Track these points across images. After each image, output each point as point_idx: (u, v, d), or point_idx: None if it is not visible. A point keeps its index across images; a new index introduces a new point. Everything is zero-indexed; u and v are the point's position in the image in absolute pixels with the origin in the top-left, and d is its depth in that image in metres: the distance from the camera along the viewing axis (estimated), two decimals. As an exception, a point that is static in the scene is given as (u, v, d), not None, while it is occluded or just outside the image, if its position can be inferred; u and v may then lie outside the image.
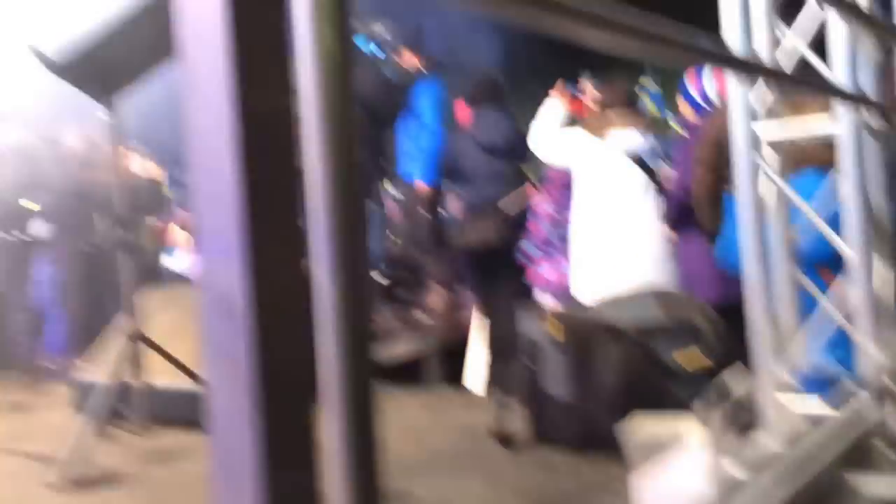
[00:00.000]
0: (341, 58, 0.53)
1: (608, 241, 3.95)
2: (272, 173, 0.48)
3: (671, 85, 4.60)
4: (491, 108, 4.75)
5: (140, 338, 3.65)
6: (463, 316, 5.06)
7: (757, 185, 2.17)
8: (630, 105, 4.28)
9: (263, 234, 0.47)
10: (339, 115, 0.53)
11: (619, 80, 4.26)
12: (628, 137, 4.03)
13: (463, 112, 4.94)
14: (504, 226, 4.57)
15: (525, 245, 4.49)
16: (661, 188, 4.02)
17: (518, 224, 4.57)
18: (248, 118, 0.46)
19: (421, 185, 5.17)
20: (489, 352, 4.67)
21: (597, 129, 4.08)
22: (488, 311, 4.77)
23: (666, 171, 4.23)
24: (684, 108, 3.93)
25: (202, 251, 0.49)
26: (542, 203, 4.48)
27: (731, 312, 2.81)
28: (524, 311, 4.08)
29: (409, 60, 5.29)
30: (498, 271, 4.66)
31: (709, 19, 2.03)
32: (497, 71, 5.37)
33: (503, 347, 4.33)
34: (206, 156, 0.47)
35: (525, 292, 4.53)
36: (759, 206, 2.16)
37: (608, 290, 3.85)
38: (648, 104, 5.63)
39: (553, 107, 4.32)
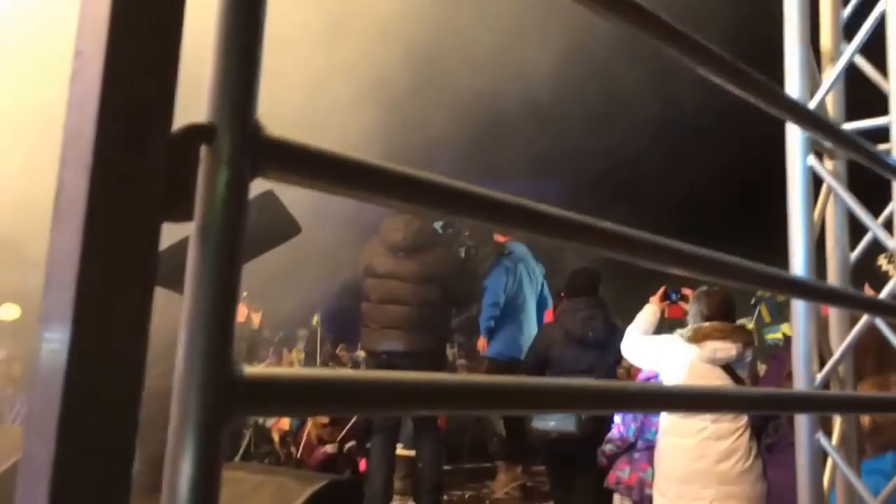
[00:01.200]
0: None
1: (694, 453, 3.82)
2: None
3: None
4: (584, 301, 4.80)
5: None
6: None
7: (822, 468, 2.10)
8: (729, 316, 4.21)
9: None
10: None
11: (718, 290, 4.21)
12: (723, 349, 3.95)
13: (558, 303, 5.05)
14: (588, 422, 4.48)
15: (607, 446, 4.38)
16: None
17: (601, 421, 4.47)
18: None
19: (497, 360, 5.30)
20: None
21: (692, 337, 4.03)
22: (561, 500, 4.62)
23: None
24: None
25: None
26: None
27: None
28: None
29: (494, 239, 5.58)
30: (577, 467, 4.55)
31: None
32: (594, 264, 5.46)
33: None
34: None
35: (603, 493, 4.38)
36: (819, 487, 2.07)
37: None
38: (763, 312, 5.55)
39: (649, 312, 4.33)
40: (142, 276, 0.56)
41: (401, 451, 6.06)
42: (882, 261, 2.91)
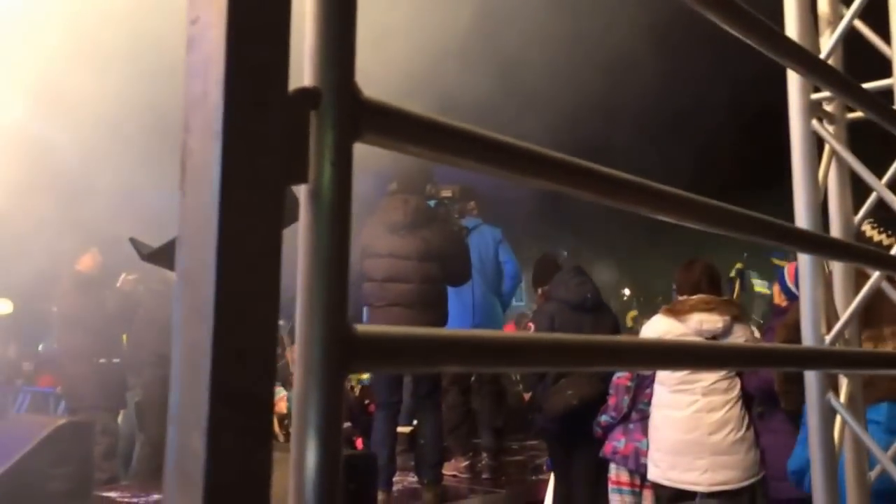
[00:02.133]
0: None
1: (686, 426, 3.90)
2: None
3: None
4: (568, 272, 4.93)
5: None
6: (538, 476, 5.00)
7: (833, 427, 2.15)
8: (715, 286, 4.25)
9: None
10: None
11: (700, 261, 4.26)
12: (709, 321, 4.00)
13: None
14: (600, 382, 4.54)
15: (602, 418, 4.44)
16: (741, 372, 3.95)
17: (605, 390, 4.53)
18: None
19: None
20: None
21: (675, 310, 4.08)
22: (563, 476, 4.70)
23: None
24: (777, 293, 4.02)
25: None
26: (621, 377, 4.45)
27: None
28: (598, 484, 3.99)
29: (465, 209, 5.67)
30: (578, 437, 4.62)
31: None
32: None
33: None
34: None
35: (601, 462, 4.46)
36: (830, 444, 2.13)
37: (682, 479, 3.79)
38: (752, 281, 5.65)
39: None
40: (273, 238, 0.58)
41: (400, 428, 6.19)
42: (866, 227, 2.96)
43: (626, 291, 18.42)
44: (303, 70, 0.66)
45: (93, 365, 5.89)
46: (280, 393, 6.56)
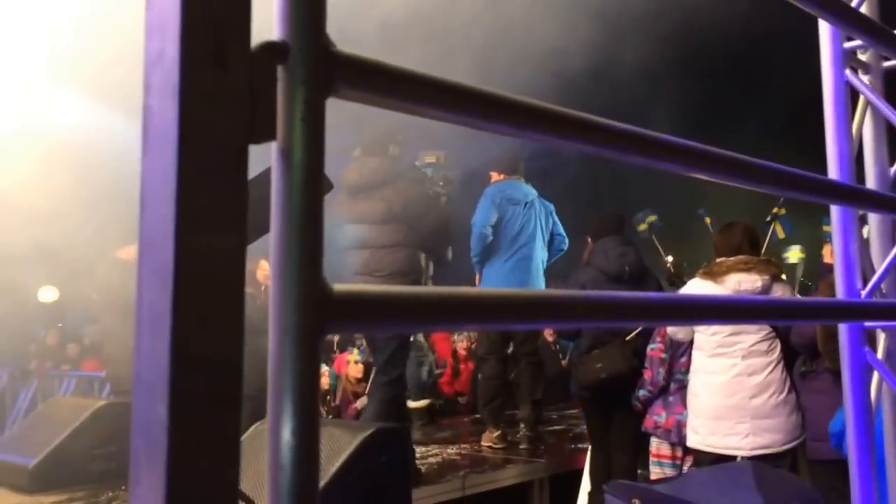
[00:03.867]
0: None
1: (727, 390, 3.83)
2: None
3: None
4: (613, 240, 4.76)
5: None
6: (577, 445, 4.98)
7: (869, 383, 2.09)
8: (755, 250, 4.16)
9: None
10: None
11: (741, 223, 4.16)
12: (748, 280, 3.90)
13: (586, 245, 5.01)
14: (632, 357, 4.48)
15: (640, 392, 4.39)
16: (784, 331, 3.87)
17: (640, 363, 4.47)
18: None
19: None
20: (592, 485, 4.55)
21: (712, 272, 3.99)
22: (601, 444, 4.66)
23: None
24: (829, 252, 3.90)
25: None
26: (654, 349, 4.39)
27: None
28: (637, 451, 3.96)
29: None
30: (616, 409, 4.58)
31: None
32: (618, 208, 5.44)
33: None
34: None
35: (641, 435, 4.43)
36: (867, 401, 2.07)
37: (722, 444, 3.73)
38: (779, 231, 5.52)
39: None
40: (235, 196, 0.56)
41: (412, 403, 6.22)
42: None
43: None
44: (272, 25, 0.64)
45: (131, 349, 5.98)
46: (322, 368, 6.62)
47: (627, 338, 4.52)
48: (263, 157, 0.66)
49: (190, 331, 0.52)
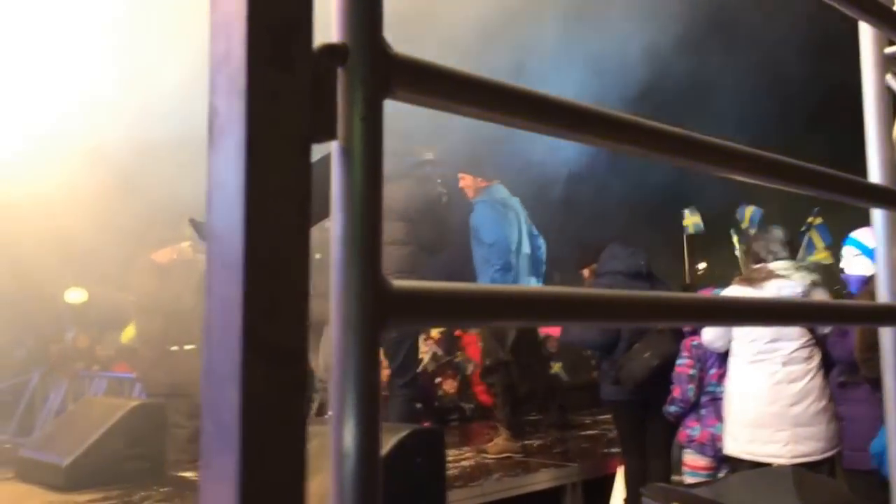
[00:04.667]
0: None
1: (767, 397, 3.79)
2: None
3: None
4: (616, 246, 4.81)
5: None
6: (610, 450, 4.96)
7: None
8: (793, 254, 4.14)
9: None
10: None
11: (776, 229, 4.13)
12: (787, 286, 3.87)
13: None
14: (674, 339, 4.45)
15: (671, 409, 4.36)
16: (822, 338, 3.83)
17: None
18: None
19: None
20: (628, 490, 4.53)
21: (750, 279, 3.96)
22: (635, 450, 4.64)
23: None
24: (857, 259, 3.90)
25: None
26: (682, 365, 4.35)
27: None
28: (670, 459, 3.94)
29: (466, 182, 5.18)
30: (648, 414, 4.56)
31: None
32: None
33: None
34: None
35: (672, 441, 4.43)
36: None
37: (762, 452, 3.71)
38: (817, 240, 5.46)
39: None
40: (300, 193, 0.58)
41: None
42: None
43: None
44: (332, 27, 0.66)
45: (165, 351, 6.06)
46: None
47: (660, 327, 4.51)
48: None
49: (259, 321, 0.54)
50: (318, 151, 0.65)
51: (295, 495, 0.55)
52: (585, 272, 5.25)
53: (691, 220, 7.18)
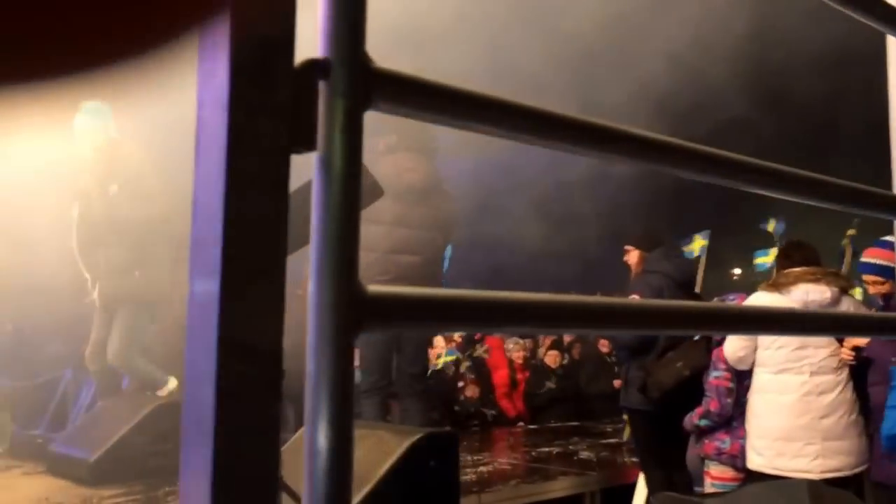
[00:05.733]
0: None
1: (795, 410, 3.70)
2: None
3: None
4: (663, 249, 4.73)
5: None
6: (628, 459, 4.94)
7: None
8: (817, 263, 4.06)
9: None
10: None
11: (807, 245, 4.08)
12: (816, 290, 3.80)
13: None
14: (707, 353, 4.39)
15: (702, 422, 4.28)
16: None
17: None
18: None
19: None
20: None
21: (779, 283, 3.90)
22: (657, 461, 4.60)
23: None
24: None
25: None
26: (720, 377, 4.28)
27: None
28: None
29: None
30: (670, 425, 4.51)
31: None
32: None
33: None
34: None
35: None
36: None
37: (790, 467, 3.63)
38: (848, 254, 5.39)
39: None
40: (278, 200, 0.61)
41: None
42: None
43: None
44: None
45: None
46: None
47: (696, 337, 4.45)
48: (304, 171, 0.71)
49: (235, 322, 0.57)
50: (298, 165, 0.68)
51: (268, 491, 0.58)
52: (634, 255, 4.96)
53: (698, 244, 7.13)
